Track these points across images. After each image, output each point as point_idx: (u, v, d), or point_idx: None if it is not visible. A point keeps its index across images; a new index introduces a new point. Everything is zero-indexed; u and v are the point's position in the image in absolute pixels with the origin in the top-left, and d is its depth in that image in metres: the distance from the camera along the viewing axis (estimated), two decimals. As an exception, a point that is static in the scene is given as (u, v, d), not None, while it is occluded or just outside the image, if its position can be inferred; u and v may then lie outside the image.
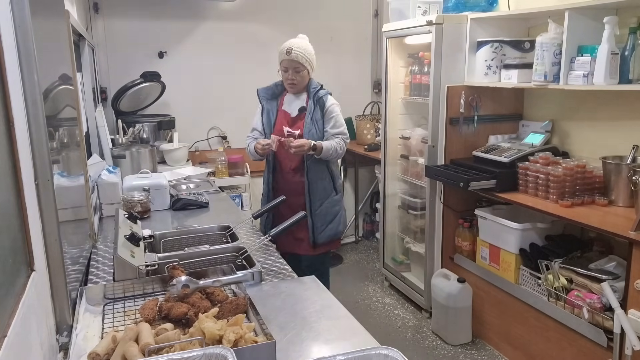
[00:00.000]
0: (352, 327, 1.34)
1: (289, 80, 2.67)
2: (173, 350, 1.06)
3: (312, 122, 2.66)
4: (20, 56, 1.06)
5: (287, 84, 2.70)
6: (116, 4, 3.92)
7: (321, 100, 2.69)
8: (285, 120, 2.73)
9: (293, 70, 2.63)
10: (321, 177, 2.71)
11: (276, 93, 2.81)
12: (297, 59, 2.61)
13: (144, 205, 2.33)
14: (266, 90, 2.82)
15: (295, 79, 2.65)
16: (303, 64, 2.63)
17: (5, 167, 0.95)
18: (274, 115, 2.76)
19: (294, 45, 2.63)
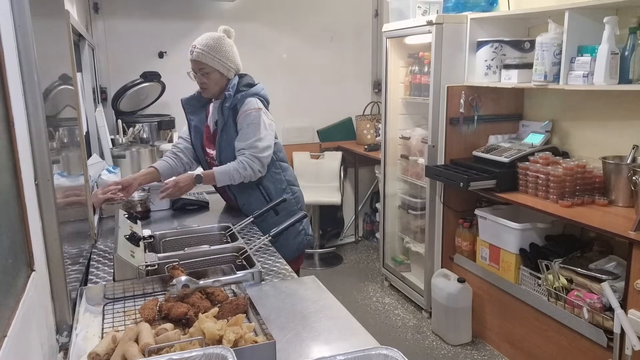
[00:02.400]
0: (352, 327, 1.34)
1: (199, 85, 2.23)
2: (173, 350, 1.06)
3: (226, 140, 2.19)
4: (20, 56, 1.06)
5: (200, 90, 2.27)
6: (116, 4, 3.92)
7: (235, 108, 2.18)
8: (207, 137, 2.32)
9: (199, 72, 2.18)
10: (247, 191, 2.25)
11: (202, 103, 2.33)
12: (200, 58, 2.14)
13: (144, 205, 2.33)
14: (190, 101, 2.34)
15: (204, 83, 2.20)
16: (209, 64, 2.15)
17: (5, 167, 0.95)
18: (201, 133, 2.33)
19: (198, 42, 2.16)
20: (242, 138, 2.16)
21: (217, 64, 2.16)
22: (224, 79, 2.21)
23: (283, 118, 4.55)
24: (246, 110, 2.16)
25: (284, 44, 4.45)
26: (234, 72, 2.24)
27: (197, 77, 2.20)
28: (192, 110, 2.34)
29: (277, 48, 4.44)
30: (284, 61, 4.47)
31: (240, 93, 2.19)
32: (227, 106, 2.17)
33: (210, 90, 2.22)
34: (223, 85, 2.21)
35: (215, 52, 2.16)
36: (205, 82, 2.20)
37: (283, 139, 4.60)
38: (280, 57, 4.46)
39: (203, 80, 2.20)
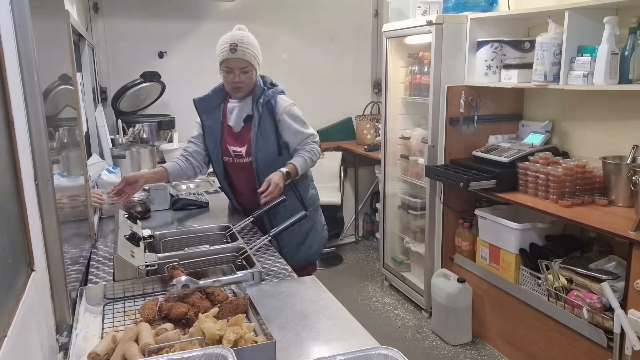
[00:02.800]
0: (352, 327, 1.34)
1: (235, 84, 2.15)
2: (173, 350, 1.06)
3: (261, 136, 2.17)
4: (20, 56, 1.06)
5: (232, 88, 2.18)
6: (116, 4, 3.92)
7: (269, 103, 2.20)
8: (230, 136, 2.24)
9: (240, 71, 2.13)
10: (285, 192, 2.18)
11: (217, 102, 2.27)
12: (245, 57, 2.11)
13: (144, 205, 2.33)
14: (205, 102, 2.29)
15: (242, 82, 2.15)
16: (252, 62, 2.14)
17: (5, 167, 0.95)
18: (218, 132, 2.25)
19: (239, 40, 2.12)
20: (297, 131, 2.23)
21: (256, 62, 2.18)
22: (254, 78, 2.21)
23: (283, 118, 4.55)
24: (286, 106, 2.23)
25: (284, 44, 4.45)
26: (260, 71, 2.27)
27: (235, 75, 2.14)
28: (205, 110, 2.29)
29: (277, 48, 4.44)
30: (284, 61, 4.47)
31: (270, 90, 2.23)
32: (262, 102, 2.18)
33: (245, 89, 2.19)
34: (253, 84, 2.21)
35: (255, 49, 2.17)
36: (242, 80, 2.15)
37: (283, 139, 4.60)
38: (280, 57, 4.46)
39: (241, 79, 2.15)
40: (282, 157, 2.22)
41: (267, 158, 2.18)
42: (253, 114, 2.18)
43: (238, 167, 2.24)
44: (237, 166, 2.24)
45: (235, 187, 2.33)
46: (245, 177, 2.24)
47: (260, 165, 2.18)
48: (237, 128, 2.23)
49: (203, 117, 2.29)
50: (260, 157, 2.17)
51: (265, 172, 2.15)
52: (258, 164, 2.18)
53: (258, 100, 2.18)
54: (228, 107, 2.26)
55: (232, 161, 2.25)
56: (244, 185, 2.27)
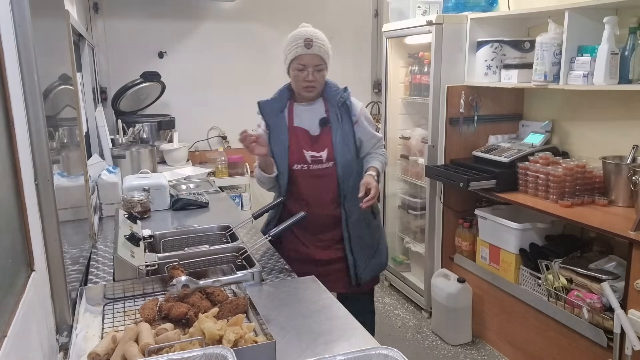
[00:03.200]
0: (352, 327, 1.34)
1: (308, 83, 2.02)
2: (173, 350, 1.06)
3: (342, 139, 2.05)
4: (20, 56, 1.06)
5: (304, 88, 2.04)
6: (116, 4, 3.92)
7: (345, 105, 2.09)
8: (305, 141, 2.07)
9: (314, 68, 2.00)
10: (357, 202, 2.03)
11: (282, 105, 2.13)
12: (320, 53, 1.99)
13: (144, 205, 2.33)
14: (271, 104, 2.13)
15: (316, 80, 2.02)
16: (325, 60, 2.02)
17: (5, 167, 0.95)
18: (285, 136, 2.08)
19: (314, 36, 2.00)
20: (372, 134, 2.17)
21: (329, 60, 2.05)
22: (325, 78, 2.09)
23: (283, 118, 4.55)
24: (362, 108, 2.15)
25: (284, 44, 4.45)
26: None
27: (308, 73, 2.00)
28: (272, 115, 2.11)
29: (277, 48, 4.41)
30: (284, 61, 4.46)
31: (343, 91, 2.11)
32: (339, 103, 2.08)
33: (318, 89, 2.06)
34: (323, 85, 2.09)
35: (328, 47, 2.04)
36: (316, 79, 2.02)
37: (283, 139, 4.60)
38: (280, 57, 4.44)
39: (315, 78, 2.01)
40: (358, 160, 2.13)
41: (348, 162, 2.06)
42: (329, 116, 2.06)
43: (315, 174, 2.07)
44: (314, 173, 2.07)
45: (306, 198, 2.10)
46: (324, 185, 2.08)
47: (342, 170, 2.06)
48: (315, 131, 2.07)
49: (270, 121, 2.11)
50: (343, 161, 2.05)
51: (345, 177, 2.06)
52: (340, 169, 2.05)
53: (337, 101, 2.07)
54: (295, 109, 2.11)
55: (307, 168, 2.07)
56: (320, 194, 2.10)
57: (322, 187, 2.08)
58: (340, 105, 2.07)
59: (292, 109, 2.11)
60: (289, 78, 2.12)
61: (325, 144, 2.06)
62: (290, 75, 2.07)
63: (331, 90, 2.09)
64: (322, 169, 2.07)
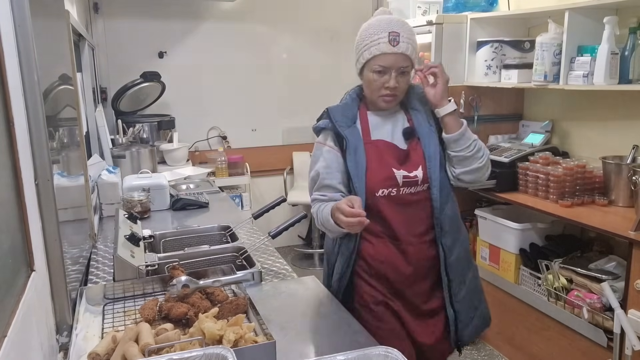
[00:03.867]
0: (352, 327, 1.34)
1: (388, 91, 1.54)
2: (173, 350, 1.06)
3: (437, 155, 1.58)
4: (20, 56, 1.06)
5: (381, 97, 1.56)
6: (116, 4, 3.92)
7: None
8: (394, 157, 1.57)
9: (398, 71, 1.52)
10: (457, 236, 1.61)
11: (353, 114, 1.63)
12: (409, 51, 1.52)
13: (144, 205, 2.32)
14: (343, 111, 1.63)
15: (398, 88, 1.54)
16: (413, 59, 1.56)
17: (5, 167, 0.95)
18: (361, 154, 1.56)
19: (401, 28, 1.52)
20: None
21: (416, 59, 1.59)
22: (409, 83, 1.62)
23: (283, 118, 4.56)
24: None
25: (284, 44, 4.45)
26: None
27: (391, 78, 1.52)
28: (344, 125, 1.59)
29: (277, 48, 4.44)
30: (284, 61, 4.47)
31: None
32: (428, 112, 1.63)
33: (399, 98, 1.60)
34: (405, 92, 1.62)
35: (416, 42, 1.58)
36: (400, 86, 1.55)
37: (283, 139, 4.61)
38: (280, 57, 4.46)
39: (397, 84, 1.53)
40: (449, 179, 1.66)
41: (445, 184, 1.60)
42: (414, 125, 1.60)
43: (405, 200, 1.56)
44: (404, 199, 1.56)
45: (392, 234, 1.57)
46: (416, 215, 1.57)
47: (439, 194, 1.57)
48: (400, 145, 1.60)
49: (346, 133, 1.57)
50: (440, 182, 1.57)
51: (442, 202, 1.58)
52: (437, 192, 1.57)
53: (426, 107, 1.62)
54: (370, 120, 1.63)
55: (396, 193, 1.55)
56: (411, 227, 1.57)
57: (414, 217, 1.57)
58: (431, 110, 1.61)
59: (366, 119, 1.63)
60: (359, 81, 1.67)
61: (417, 160, 1.57)
62: (364, 79, 1.60)
63: (416, 94, 1.64)
64: (416, 193, 1.57)
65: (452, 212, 1.60)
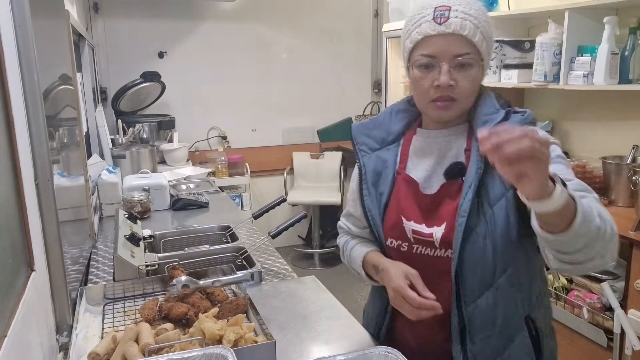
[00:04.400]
0: (352, 327, 1.34)
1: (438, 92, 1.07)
2: (173, 350, 1.06)
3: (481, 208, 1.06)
4: (20, 56, 1.06)
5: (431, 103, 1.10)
6: (116, 4, 3.92)
7: None
8: (410, 201, 1.15)
9: (452, 62, 1.05)
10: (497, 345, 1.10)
11: (395, 132, 1.22)
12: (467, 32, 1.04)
13: (144, 205, 2.32)
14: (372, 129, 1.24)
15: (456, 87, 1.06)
16: (478, 46, 1.06)
17: (5, 167, 0.95)
18: (387, 187, 1.18)
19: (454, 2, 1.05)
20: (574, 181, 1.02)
21: (487, 48, 1.08)
22: (479, 83, 1.11)
23: (283, 118, 4.56)
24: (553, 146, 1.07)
25: (284, 44, 4.45)
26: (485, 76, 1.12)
27: (441, 72, 1.05)
28: (371, 147, 1.22)
29: (277, 48, 4.44)
30: (284, 61, 4.47)
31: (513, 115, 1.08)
32: None
33: (462, 104, 1.09)
34: (474, 96, 1.11)
35: (487, 23, 1.07)
36: (457, 85, 1.06)
37: (283, 139, 4.61)
38: (280, 57, 4.46)
39: (452, 81, 1.05)
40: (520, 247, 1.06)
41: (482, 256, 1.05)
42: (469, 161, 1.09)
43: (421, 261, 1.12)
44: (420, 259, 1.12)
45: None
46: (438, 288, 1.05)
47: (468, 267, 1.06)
48: (430, 187, 1.14)
49: (364, 159, 1.21)
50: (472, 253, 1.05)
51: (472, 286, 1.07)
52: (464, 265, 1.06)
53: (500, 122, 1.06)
54: (413, 143, 1.19)
55: (407, 249, 1.15)
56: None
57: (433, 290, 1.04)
58: None
59: (409, 143, 1.20)
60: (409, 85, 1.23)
61: (445, 213, 1.09)
62: (410, 81, 1.14)
63: (485, 110, 1.10)
64: (433, 257, 1.11)
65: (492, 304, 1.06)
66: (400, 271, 1.07)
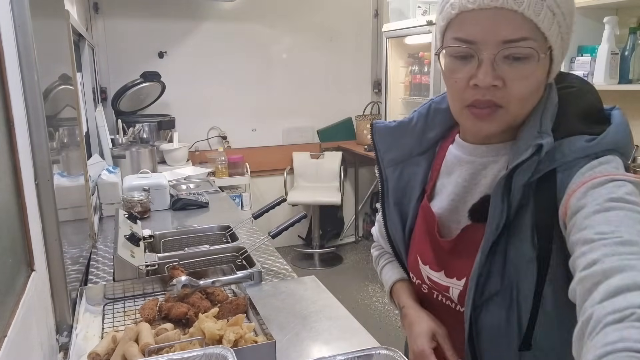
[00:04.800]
0: (352, 327, 1.34)
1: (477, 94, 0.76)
2: (173, 350, 1.06)
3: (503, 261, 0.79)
4: (20, 56, 1.06)
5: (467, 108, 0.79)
6: (116, 4, 3.92)
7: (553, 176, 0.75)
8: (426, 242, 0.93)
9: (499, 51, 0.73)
10: None
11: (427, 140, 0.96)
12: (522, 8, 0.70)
13: (144, 205, 2.32)
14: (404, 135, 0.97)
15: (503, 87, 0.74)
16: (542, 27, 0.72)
17: (5, 167, 0.95)
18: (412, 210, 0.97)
19: None
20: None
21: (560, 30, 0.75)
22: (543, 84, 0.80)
23: (283, 118, 4.56)
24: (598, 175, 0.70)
25: (284, 44, 4.46)
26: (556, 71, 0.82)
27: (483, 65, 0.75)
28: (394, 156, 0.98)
29: (277, 48, 4.44)
30: (284, 61, 4.47)
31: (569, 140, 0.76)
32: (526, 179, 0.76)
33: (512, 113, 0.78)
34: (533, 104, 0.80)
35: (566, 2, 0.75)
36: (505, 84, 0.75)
37: (283, 139, 4.62)
38: (280, 57, 4.46)
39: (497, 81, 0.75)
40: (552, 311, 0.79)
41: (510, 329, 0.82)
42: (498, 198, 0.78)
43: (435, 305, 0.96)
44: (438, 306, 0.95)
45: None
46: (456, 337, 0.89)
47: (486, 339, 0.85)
48: (450, 227, 0.91)
49: (388, 171, 0.99)
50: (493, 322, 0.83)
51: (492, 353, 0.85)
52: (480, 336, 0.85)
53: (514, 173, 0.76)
54: (449, 153, 0.93)
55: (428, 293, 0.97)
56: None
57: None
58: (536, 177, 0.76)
59: (442, 155, 0.95)
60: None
61: (466, 266, 0.84)
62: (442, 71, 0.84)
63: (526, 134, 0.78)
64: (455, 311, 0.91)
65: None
66: (426, 330, 0.90)
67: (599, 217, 0.64)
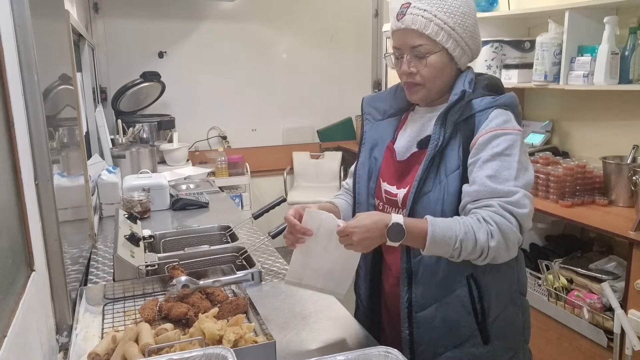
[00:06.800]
0: (352, 327, 1.34)
1: (404, 78, 1.28)
2: (173, 350, 1.06)
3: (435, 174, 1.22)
4: (20, 56, 1.06)
5: (404, 85, 1.30)
6: (116, 4, 3.92)
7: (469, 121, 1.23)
8: (389, 166, 1.34)
9: (410, 52, 1.23)
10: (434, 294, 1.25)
11: (395, 109, 1.40)
12: (417, 25, 1.20)
13: (144, 205, 2.32)
14: (380, 101, 1.41)
15: (415, 73, 1.24)
16: (433, 36, 1.20)
17: (5, 167, 0.95)
18: (380, 154, 1.37)
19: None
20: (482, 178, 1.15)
21: (448, 37, 1.20)
22: (452, 69, 1.26)
23: (283, 118, 4.56)
24: (495, 129, 1.18)
25: (284, 44, 4.46)
26: (469, 58, 1.28)
27: (403, 61, 1.24)
28: (373, 119, 1.40)
29: (277, 48, 4.44)
30: (284, 61, 4.47)
31: (480, 98, 1.23)
32: (455, 118, 1.21)
33: (427, 87, 1.25)
34: (448, 81, 1.26)
35: (451, 15, 1.19)
36: (418, 72, 1.23)
37: (283, 139, 4.61)
38: (280, 57, 4.46)
39: (412, 69, 1.23)
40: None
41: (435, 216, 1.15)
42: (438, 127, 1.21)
43: None
44: None
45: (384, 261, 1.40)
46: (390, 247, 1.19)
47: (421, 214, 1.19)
48: (403, 154, 1.31)
49: (367, 127, 1.40)
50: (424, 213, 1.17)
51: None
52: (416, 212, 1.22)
53: (447, 114, 1.21)
54: (410, 118, 1.37)
55: (382, 209, 1.34)
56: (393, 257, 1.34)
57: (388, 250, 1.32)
58: (460, 121, 1.22)
59: (407, 118, 1.38)
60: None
61: (411, 178, 1.25)
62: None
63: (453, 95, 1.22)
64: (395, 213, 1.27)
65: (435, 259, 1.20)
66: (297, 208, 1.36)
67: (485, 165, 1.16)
